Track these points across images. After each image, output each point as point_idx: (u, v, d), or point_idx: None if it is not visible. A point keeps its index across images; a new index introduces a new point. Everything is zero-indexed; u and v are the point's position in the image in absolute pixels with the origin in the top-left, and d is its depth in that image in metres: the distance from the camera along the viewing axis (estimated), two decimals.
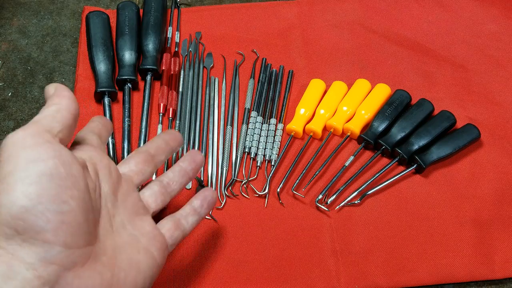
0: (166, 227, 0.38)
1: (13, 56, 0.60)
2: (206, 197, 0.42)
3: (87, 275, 0.30)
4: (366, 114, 0.54)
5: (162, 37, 0.59)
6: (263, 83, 0.57)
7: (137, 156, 0.39)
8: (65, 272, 0.28)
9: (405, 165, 0.52)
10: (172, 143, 0.42)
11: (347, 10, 0.64)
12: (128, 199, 0.36)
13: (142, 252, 0.35)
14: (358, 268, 0.47)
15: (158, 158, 0.41)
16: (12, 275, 0.27)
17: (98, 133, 0.38)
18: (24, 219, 0.27)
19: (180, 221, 0.39)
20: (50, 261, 0.28)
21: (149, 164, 0.40)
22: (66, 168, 0.29)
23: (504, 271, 0.47)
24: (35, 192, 0.27)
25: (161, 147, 0.41)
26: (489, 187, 0.52)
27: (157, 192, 0.39)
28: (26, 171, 0.28)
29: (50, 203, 0.28)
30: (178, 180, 0.41)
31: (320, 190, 0.51)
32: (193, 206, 0.41)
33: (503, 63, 0.61)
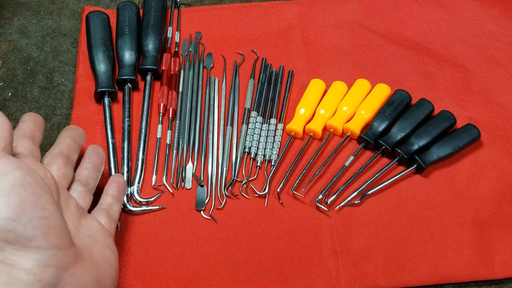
0: (103, 221, 0.40)
1: (13, 56, 0.60)
2: (120, 184, 0.44)
3: (80, 273, 0.31)
4: (366, 114, 0.54)
5: (162, 37, 0.59)
6: (263, 83, 0.57)
7: (56, 160, 0.40)
8: (62, 273, 0.30)
9: (405, 165, 0.52)
10: (78, 139, 0.43)
11: (347, 10, 0.64)
12: (69, 204, 0.37)
13: (105, 247, 0.37)
14: (358, 268, 0.47)
15: (72, 158, 0.42)
16: (14, 282, 0.28)
17: (30, 135, 0.39)
18: (13, 229, 0.28)
19: (109, 212, 0.41)
20: (47, 264, 0.29)
21: (68, 165, 0.40)
22: (32, 177, 0.30)
23: (504, 271, 0.47)
24: (15, 203, 0.28)
25: (72, 146, 0.42)
26: (489, 187, 0.52)
27: (82, 192, 0.41)
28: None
29: (33, 211, 0.28)
30: (93, 176, 0.43)
31: (320, 190, 0.51)
32: (112, 195, 0.43)
33: (503, 63, 0.61)
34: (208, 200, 0.50)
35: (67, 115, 0.56)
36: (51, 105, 0.56)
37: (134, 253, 0.47)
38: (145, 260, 0.46)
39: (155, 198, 0.50)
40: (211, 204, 0.50)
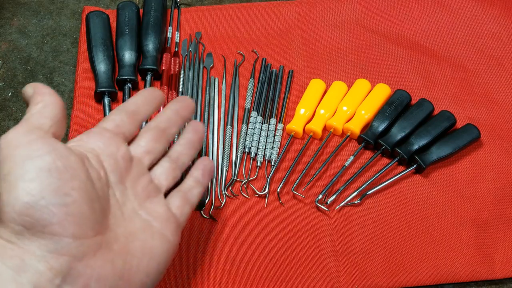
0: (176, 204, 0.37)
1: (13, 56, 0.60)
2: (206, 166, 0.41)
3: (98, 264, 0.30)
4: (366, 114, 0.54)
5: (162, 37, 0.59)
6: (263, 83, 0.57)
7: (147, 133, 0.38)
8: (76, 263, 0.29)
9: (405, 165, 0.52)
10: (183, 112, 0.40)
11: (347, 10, 0.64)
12: (138, 183, 0.36)
13: (156, 236, 0.35)
14: (358, 268, 0.47)
15: (169, 131, 0.39)
16: (25, 267, 0.27)
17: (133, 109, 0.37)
18: (30, 214, 0.28)
19: (187, 195, 0.39)
20: (60, 252, 0.28)
21: (160, 140, 0.38)
22: (63, 161, 0.29)
23: (504, 271, 0.47)
24: (36, 188, 0.28)
25: (172, 119, 0.39)
26: (489, 187, 0.52)
27: (168, 168, 0.38)
28: (24, 168, 0.28)
29: (52, 197, 0.28)
30: (186, 152, 0.40)
31: (320, 190, 0.51)
32: (195, 178, 0.40)
33: (503, 63, 0.61)
34: (208, 200, 0.50)
35: (67, 115, 0.56)
36: None
37: None
38: None
39: None
40: (211, 204, 0.50)
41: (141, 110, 0.38)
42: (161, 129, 0.39)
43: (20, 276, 0.27)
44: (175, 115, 0.40)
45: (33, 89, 0.33)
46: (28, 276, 0.27)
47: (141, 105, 0.38)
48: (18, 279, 0.27)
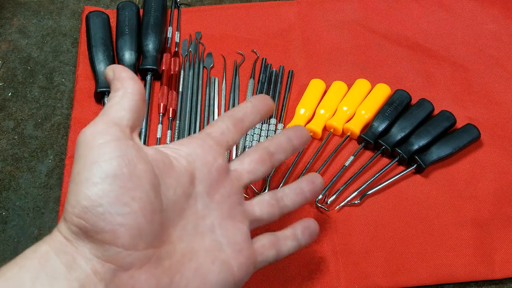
0: (261, 242, 0.36)
1: (13, 56, 0.60)
2: (309, 227, 0.39)
3: (143, 278, 0.30)
4: (366, 114, 0.54)
5: (162, 37, 0.59)
6: (263, 83, 0.57)
7: (254, 153, 0.37)
8: (120, 272, 0.29)
9: (405, 165, 0.52)
10: (295, 141, 0.39)
11: (347, 10, 0.64)
12: (228, 201, 0.34)
13: (218, 263, 0.33)
14: (358, 268, 0.47)
15: (277, 157, 0.38)
16: (75, 266, 0.28)
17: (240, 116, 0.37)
18: (86, 219, 0.28)
19: (279, 241, 0.37)
20: (107, 260, 0.29)
21: (265, 163, 0.37)
22: (130, 168, 0.29)
23: (504, 271, 0.47)
24: (96, 194, 0.28)
25: (282, 145, 0.38)
26: (489, 187, 0.52)
27: (267, 202, 0.37)
28: (90, 172, 0.29)
29: (110, 205, 0.28)
30: (292, 197, 0.38)
31: None
32: (294, 231, 0.38)
33: (503, 63, 0.61)
34: None
35: (67, 115, 0.56)
36: (51, 105, 0.56)
37: None
38: None
39: None
40: None
41: (248, 118, 0.38)
42: (269, 153, 0.38)
43: (70, 273, 0.28)
44: (288, 142, 0.39)
45: (113, 73, 0.33)
46: (76, 275, 0.28)
47: (249, 113, 0.38)
48: (68, 276, 0.28)
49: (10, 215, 0.49)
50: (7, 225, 0.49)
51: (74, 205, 0.28)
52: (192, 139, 0.35)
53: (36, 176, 0.52)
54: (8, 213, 0.49)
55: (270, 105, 0.40)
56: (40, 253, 0.28)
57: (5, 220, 0.49)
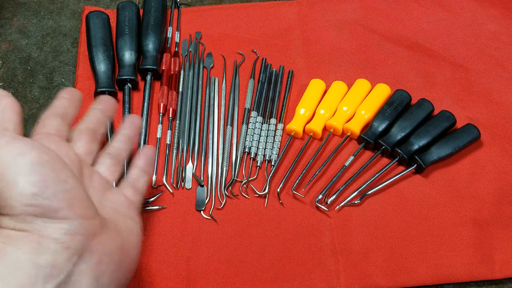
0: (129, 193, 0.41)
1: (13, 56, 0.60)
2: (148, 156, 0.44)
3: (105, 241, 0.33)
4: (366, 114, 0.54)
5: (162, 37, 0.59)
6: (263, 83, 0.57)
7: (82, 136, 0.40)
8: (89, 241, 0.31)
9: (405, 165, 0.52)
10: (109, 112, 0.44)
11: (347, 10, 0.64)
12: (93, 179, 0.38)
13: (128, 218, 0.38)
14: (358, 268, 0.47)
15: (99, 131, 0.42)
16: (42, 249, 0.29)
17: (62, 112, 0.40)
18: (39, 204, 0.29)
19: (135, 184, 0.42)
20: (74, 232, 0.30)
21: (94, 140, 0.41)
22: (48, 155, 0.31)
23: (504, 271, 0.47)
24: (37, 179, 0.30)
25: (100, 120, 0.43)
26: (489, 187, 0.52)
27: (110, 165, 0.41)
28: (18, 165, 0.30)
29: (55, 185, 0.30)
30: (124, 147, 0.43)
31: (320, 190, 0.51)
32: (140, 167, 0.43)
33: (503, 63, 0.61)
34: (208, 200, 0.50)
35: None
36: None
37: None
38: (145, 260, 0.46)
39: (155, 198, 0.50)
40: (211, 204, 0.50)
41: (70, 112, 0.41)
42: (92, 130, 0.41)
43: (39, 257, 0.29)
44: (102, 115, 0.43)
45: None
46: (46, 257, 0.29)
47: (68, 107, 0.41)
48: (36, 260, 0.28)
49: None
50: None
51: (20, 197, 0.29)
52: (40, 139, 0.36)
53: None
54: None
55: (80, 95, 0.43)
56: None
57: None
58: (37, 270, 0.28)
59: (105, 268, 0.32)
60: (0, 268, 0.28)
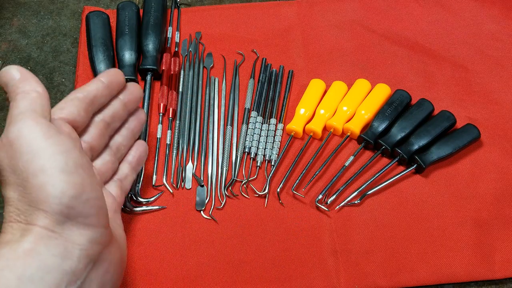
0: (114, 193, 0.40)
1: (13, 56, 0.60)
2: (141, 152, 0.44)
3: (113, 250, 0.34)
4: (366, 114, 0.54)
5: (162, 37, 0.59)
6: (263, 83, 0.57)
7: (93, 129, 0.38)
8: (103, 249, 0.32)
9: (405, 165, 0.52)
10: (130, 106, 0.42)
11: (347, 10, 0.64)
12: None
13: (117, 225, 0.38)
14: (358, 268, 0.47)
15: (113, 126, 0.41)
16: (68, 255, 0.30)
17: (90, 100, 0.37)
18: (74, 207, 0.30)
19: (123, 183, 0.42)
20: (97, 241, 0.31)
21: (104, 136, 0.39)
22: (86, 159, 0.32)
23: (504, 271, 0.47)
24: (78, 182, 0.30)
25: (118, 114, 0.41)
26: (489, 187, 0.52)
27: (109, 162, 0.40)
28: (62, 162, 0.30)
29: (90, 191, 0.30)
30: (126, 143, 0.42)
31: (320, 190, 0.51)
32: (131, 163, 0.43)
33: (503, 63, 0.61)
34: (208, 200, 0.50)
35: None
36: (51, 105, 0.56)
37: (134, 253, 0.47)
38: (145, 260, 0.46)
39: (155, 198, 0.50)
40: (211, 204, 0.50)
41: (99, 100, 0.38)
42: (106, 124, 0.40)
43: (64, 263, 0.29)
44: (123, 109, 0.41)
45: (19, 74, 0.33)
46: (71, 263, 0.29)
47: (101, 94, 0.38)
48: (62, 266, 0.29)
49: None
50: None
51: (60, 196, 0.29)
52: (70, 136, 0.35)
53: None
54: None
55: (122, 81, 0.41)
56: (24, 252, 0.28)
57: None
58: (63, 276, 0.29)
59: (110, 277, 0.33)
60: (32, 271, 0.28)
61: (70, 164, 0.30)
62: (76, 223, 0.30)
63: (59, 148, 0.30)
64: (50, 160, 0.29)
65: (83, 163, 0.31)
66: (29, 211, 0.30)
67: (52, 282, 0.28)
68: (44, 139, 0.30)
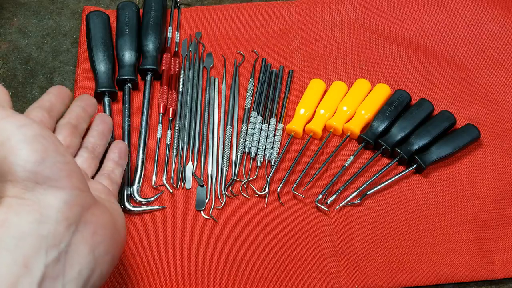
0: (105, 183, 0.42)
1: (13, 56, 0.60)
2: (121, 149, 0.46)
3: (98, 213, 0.34)
4: (366, 114, 0.54)
5: (162, 37, 0.59)
6: (263, 83, 0.57)
7: (63, 129, 0.42)
8: (84, 212, 0.32)
9: (405, 165, 0.52)
10: (89, 109, 0.45)
11: (347, 10, 0.64)
12: None
13: (111, 203, 0.39)
14: (358, 268, 0.47)
15: (81, 127, 0.44)
16: (44, 219, 0.30)
17: (48, 106, 0.41)
18: (41, 171, 0.30)
19: (110, 176, 0.43)
20: (72, 203, 0.31)
21: (74, 135, 0.42)
22: (47, 131, 0.32)
23: (504, 271, 0.47)
24: (40, 149, 0.31)
25: (81, 116, 0.44)
26: (489, 187, 0.52)
27: (87, 158, 0.43)
28: (21, 134, 0.31)
29: (55, 156, 0.31)
30: (99, 142, 0.45)
31: (320, 190, 0.51)
32: (114, 160, 0.45)
33: (503, 63, 0.61)
34: (208, 200, 0.50)
35: None
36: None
37: (133, 253, 0.47)
38: (145, 260, 0.46)
39: (155, 198, 0.50)
40: (211, 204, 0.50)
41: (56, 107, 0.42)
42: (73, 125, 0.43)
43: (41, 228, 0.29)
44: (83, 112, 0.45)
45: None
46: (48, 227, 0.30)
47: (55, 102, 0.42)
48: (39, 230, 0.29)
49: None
50: None
51: (23, 163, 0.30)
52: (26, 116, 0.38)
53: None
54: None
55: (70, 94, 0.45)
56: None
57: None
58: (41, 240, 0.29)
59: (100, 239, 0.33)
60: (6, 239, 0.28)
61: (29, 134, 0.31)
62: (48, 187, 0.30)
63: (17, 123, 0.31)
64: (9, 134, 0.30)
65: (43, 133, 0.32)
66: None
67: (29, 248, 0.28)
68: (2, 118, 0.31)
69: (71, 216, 0.31)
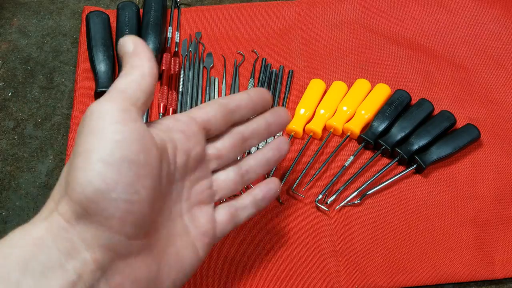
0: (222, 219, 0.36)
1: (13, 56, 0.60)
2: (270, 190, 0.38)
3: (137, 265, 0.29)
4: (366, 114, 0.54)
5: (162, 37, 0.59)
6: (263, 83, 0.57)
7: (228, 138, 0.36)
8: (118, 260, 0.28)
9: (405, 165, 0.52)
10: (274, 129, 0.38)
11: (347, 10, 0.64)
12: (197, 186, 0.34)
13: (189, 247, 0.33)
14: (358, 268, 0.47)
15: (250, 143, 0.37)
16: (73, 253, 0.26)
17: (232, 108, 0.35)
18: (97, 202, 0.26)
19: (237, 212, 0.36)
20: (109, 247, 0.27)
21: (237, 149, 0.36)
22: (146, 155, 0.28)
23: (504, 271, 0.47)
24: (112, 177, 0.27)
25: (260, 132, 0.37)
26: (489, 187, 0.52)
27: (233, 180, 0.36)
28: (109, 152, 0.27)
29: (123, 191, 0.27)
30: (257, 170, 0.38)
31: (320, 190, 0.51)
32: (254, 198, 0.37)
33: (503, 63, 0.61)
34: None
35: (67, 115, 0.56)
36: (51, 105, 0.56)
37: None
38: None
39: None
40: None
41: (241, 111, 0.36)
42: (244, 138, 0.37)
43: (68, 262, 0.26)
44: (265, 129, 0.38)
45: (133, 46, 0.31)
46: (74, 263, 0.26)
47: (243, 106, 0.36)
48: (65, 265, 0.26)
49: (10, 215, 0.49)
50: (7, 225, 0.49)
51: (86, 185, 0.26)
52: (177, 122, 0.33)
53: (36, 176, 0.52)
54: (8, 213, 0.49)
55: (268, 100, 0.38)
56: (32, 239, 0.26)
57: (5, 220, 0.49)
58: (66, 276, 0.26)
59: None
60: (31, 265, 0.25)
61: (115, 155, 0.26)
62: (94, 221, 0.27)
63: (116, 136, 0.27)
64: (97, 145, 0.27)
65: (136, 159, 0.27)
66: (62, 192, 0.27)
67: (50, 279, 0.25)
68: (109, 123, 0.27)
69: (100, 260, 0.27)
